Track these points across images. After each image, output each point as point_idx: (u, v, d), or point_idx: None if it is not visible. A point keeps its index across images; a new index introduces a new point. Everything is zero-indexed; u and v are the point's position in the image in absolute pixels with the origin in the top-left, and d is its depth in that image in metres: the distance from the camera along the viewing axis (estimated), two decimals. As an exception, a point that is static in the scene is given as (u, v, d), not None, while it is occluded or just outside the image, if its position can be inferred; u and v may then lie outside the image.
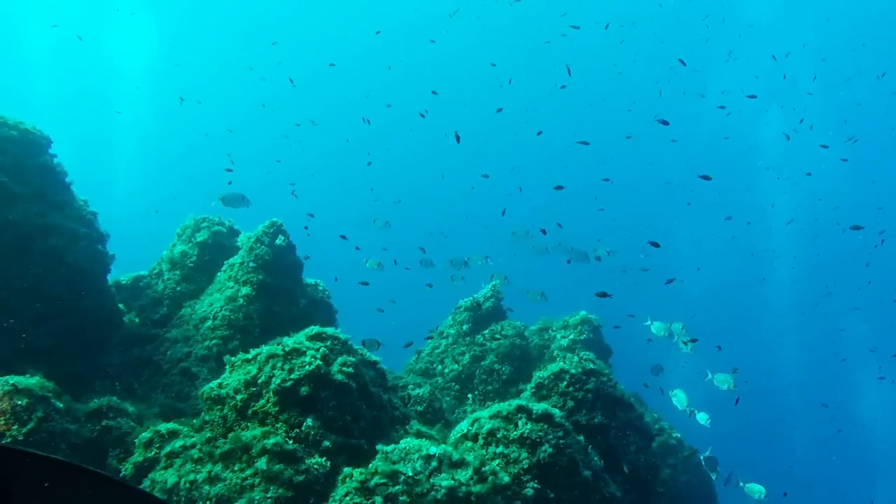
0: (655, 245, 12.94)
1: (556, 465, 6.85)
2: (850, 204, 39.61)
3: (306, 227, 12.13)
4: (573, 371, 9.08)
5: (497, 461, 6.73)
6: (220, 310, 9.45)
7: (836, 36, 38.44)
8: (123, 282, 11.05)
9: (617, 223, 42.65)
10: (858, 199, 38.89)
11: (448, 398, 11.90)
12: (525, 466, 6.71)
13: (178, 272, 10.62)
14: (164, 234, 12.19)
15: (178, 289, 10.44)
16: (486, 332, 12.94)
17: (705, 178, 13.87)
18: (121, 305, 10.45)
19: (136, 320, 10.25)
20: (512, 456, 6.77)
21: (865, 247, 36.67)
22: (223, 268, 10.13)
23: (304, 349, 6.88)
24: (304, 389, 6.60)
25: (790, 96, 37.15)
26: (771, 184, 39.39)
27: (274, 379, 6.62)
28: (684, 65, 23.43)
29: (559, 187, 14.99)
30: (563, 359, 9.58)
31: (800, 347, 43.52)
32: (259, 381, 6.70)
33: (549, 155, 49.13)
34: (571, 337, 12.93)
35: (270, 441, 6.22)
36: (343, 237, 14.79)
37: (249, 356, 6.93)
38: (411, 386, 10.41)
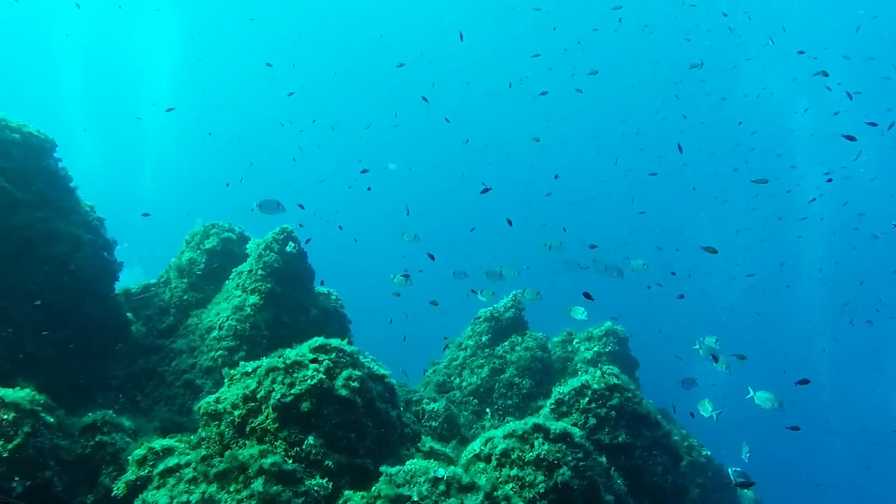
0: (713, 251, 12.35)
1: (575, 488, 6.34)
2: (880, 210, 38.45)
3: (301, 225, 11.77)
4: (595, 386, 8.54)
5: (511, 485, 6.25)
6: (227, 319, 9.08)
7: (871, 33, 37.30)
8: (133, 290, 10.76)
9: (643, 229, 41.90)
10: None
11: (466, 413, 11.43)
12: (541, 490, 6.22)
13: (185, 280, 10.29)
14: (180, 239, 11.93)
15: (186, 297, 10.11)
16: (507, 343, 12.46)
17: (761, 181, 13.32)
18: (129, 315, 10.16)
19: (143, 330, 9.94)
20: (527, 479, 6.28)
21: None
22: (231, 276, 9.78)
23: (307, 362, 6.47)
24: (305, 405, 6.19)
25: (822, 97, 36.05)
26: (804, 187, 38.32)
27: (274, 394, 6.21)
28: (701, 65, 22.76)
29: (556, 177, 14.63)
30: (585, 372, 9.03)
31: (832, 361, 42.25)
32: (258, 395, 6.30)
33: (574, 159, 48.59)
34: (596, 349, 12.39)
35: (268, 460, 5.81)
36: (340, 228, 14.45)
37: (249, 369, 6.53)
38: (426, 400, 9.95)
